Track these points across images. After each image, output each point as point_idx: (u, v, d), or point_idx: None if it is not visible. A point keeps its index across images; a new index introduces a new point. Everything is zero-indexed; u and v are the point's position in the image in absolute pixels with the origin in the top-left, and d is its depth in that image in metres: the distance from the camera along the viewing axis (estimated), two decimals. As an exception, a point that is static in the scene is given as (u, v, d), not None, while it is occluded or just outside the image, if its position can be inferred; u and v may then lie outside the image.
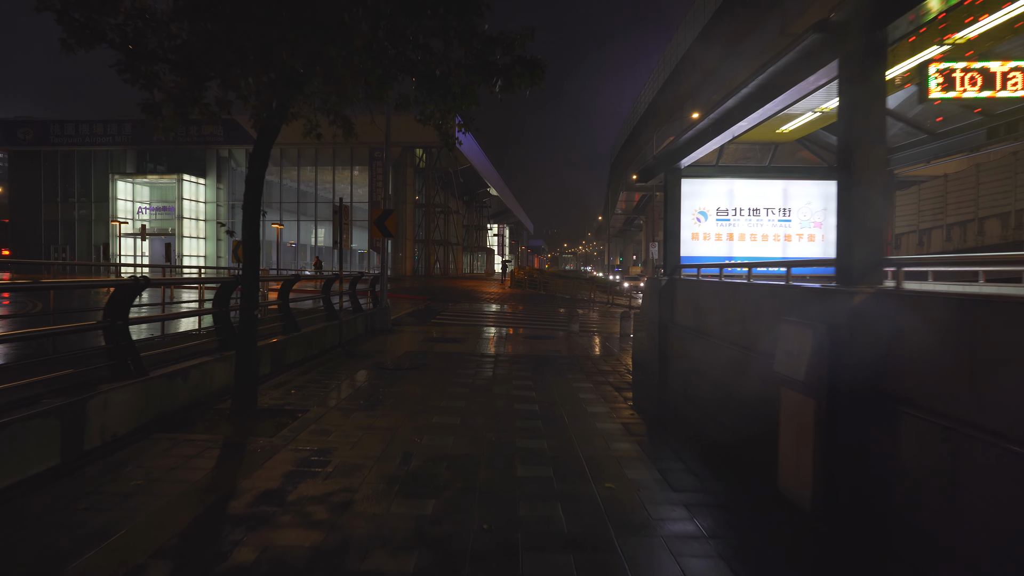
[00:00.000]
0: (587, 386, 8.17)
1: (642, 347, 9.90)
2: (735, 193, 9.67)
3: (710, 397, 6.10)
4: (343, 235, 10.75)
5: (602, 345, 12.82)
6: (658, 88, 36.45)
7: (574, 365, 9.96)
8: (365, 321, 13.43)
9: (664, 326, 8.51)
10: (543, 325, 17.78)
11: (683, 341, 7.50)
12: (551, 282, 37.00)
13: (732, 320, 5.84)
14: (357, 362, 9.50)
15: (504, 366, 9.62)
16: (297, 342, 9.12)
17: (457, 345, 12.01)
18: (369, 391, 7.33)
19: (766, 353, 4.90)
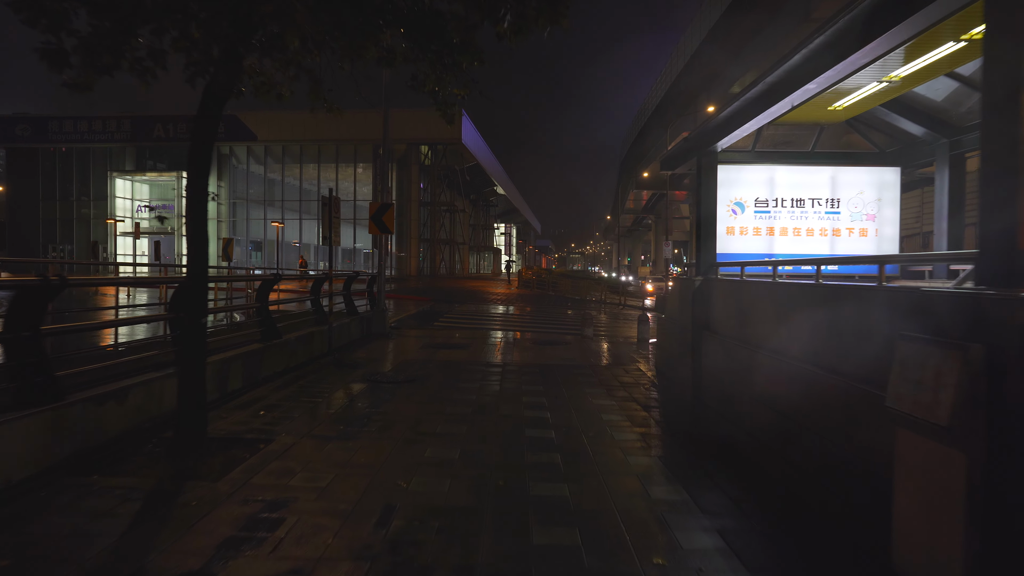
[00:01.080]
0: (609, 404, 7.02)
1: (670, 357, 8.71)
2: (776, 182, 8.50)
3: (768, 426, 4.93)
4: (332, 230, 9.66)
5: (619, 352, 11.66)
6: (671, 82, 35.23)
7: (591, 376, 8.81)
8: (360, 325, 12.33)
9: (698, 334, 7.35)
10: (553, 329, 16.62)
11: (725, 353, 6.34)
12: (559, 282, 35.83)
13: (799, 331, 4.66)
14: (346, 373, 8.39)
15: (512, 378, 8.49)
16: (276, 351, 8.02)
17: (460, 352, 10.88)
18: (353, 411, 6.21)
19: (859, 377, 3.73)
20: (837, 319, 4.14)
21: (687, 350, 7.74)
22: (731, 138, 7.27)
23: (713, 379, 6.81)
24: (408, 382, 7.87)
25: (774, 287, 5.40)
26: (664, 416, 6.67)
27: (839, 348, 4.07)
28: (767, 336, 5.30)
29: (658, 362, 9.59)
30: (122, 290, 18.03)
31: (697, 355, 7.30)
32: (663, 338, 9.24)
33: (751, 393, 5.44)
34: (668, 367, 8.88)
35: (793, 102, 6.05)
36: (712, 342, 6.89)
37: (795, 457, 4.45)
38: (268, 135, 42.77)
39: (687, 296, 7.70)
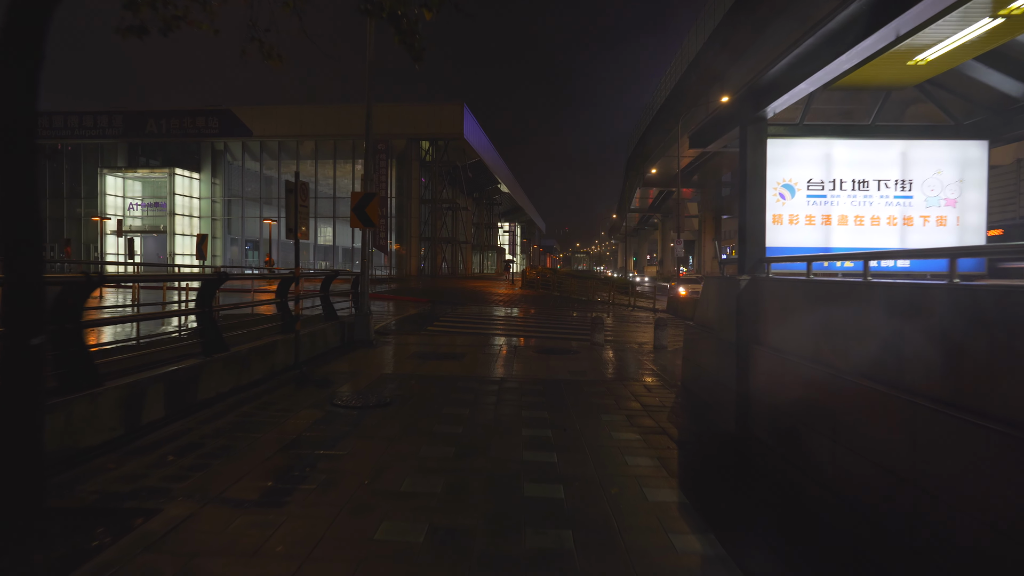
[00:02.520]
0: (632, 439, 5.49)
1: (701, 373, 7.11)
2: (834, 159, 6.92)
3: (876, 488, 3.38)
4: (299, 222, 8.17)
5: (636, 362, 10.11)
6: (680, 74, 33.62)
7: (605, 396, 7.28)
8: (339, 331, 10.82)
9: (746, 348, 5.82)
10: (559, 333, 15.09)
11: (788, 376, 4.79)
12: (564, 282, 34.28)
13: (930, 356, 3.12)
14: (307, 394, 6.88)
15: (511, 399, 6.97)
16: (220, 368, 6.51)
17: (452, 364, 9.36)
18: (296, 454, 4.69)
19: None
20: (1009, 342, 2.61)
21: (726, 366, 6.20)
22: (786, 99, 5.73)
23: (768, 407, 5.27)
24: (380, 407, 6.35)
25: (878, 290, 3.84)
26: (707, 458, 5.13)
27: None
28: (868, 359, 3.75)
29: (686, 378, 8.06)
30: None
31: (744, 375, 5.76)
32: (693, 350, 7.70)
33: (840, 436, 3.90)
34: (700, 386, 7.34)
35: (879, 43, 4.51)
36: (766, 360, 5.35)
37: (937, 546, 2.91)
38: (263, 130, 41.38)
39: (728, 300, 6.17)
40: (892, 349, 3.47)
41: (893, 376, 3.44)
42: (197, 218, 43.04)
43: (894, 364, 3.44)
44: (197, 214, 43.06)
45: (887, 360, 3.51)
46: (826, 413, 4.13)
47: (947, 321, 3.04)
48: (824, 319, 4.40)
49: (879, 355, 3.59)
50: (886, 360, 3.52)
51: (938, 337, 3.09)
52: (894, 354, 3.45)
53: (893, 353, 3.46)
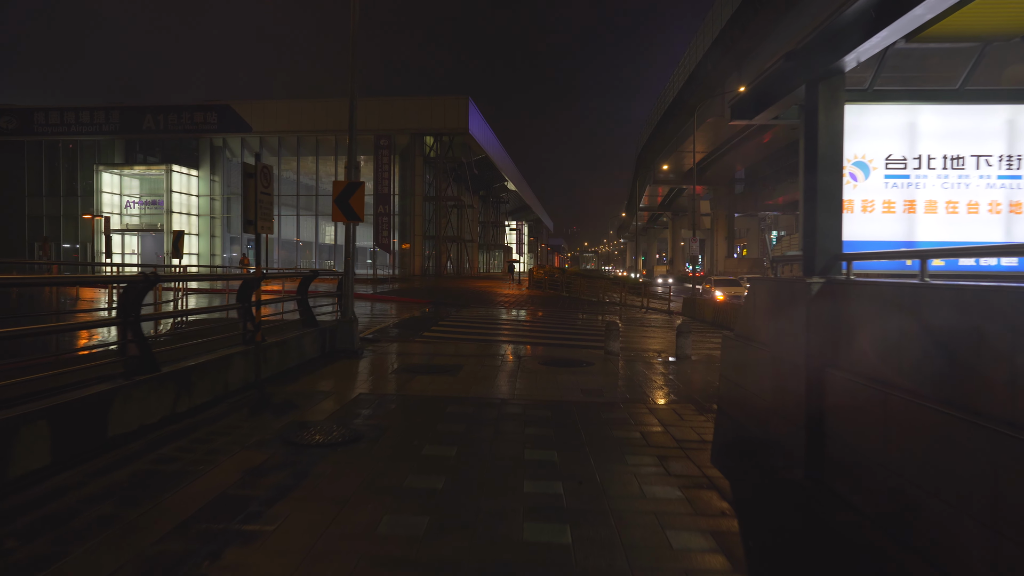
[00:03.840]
0: (672, 495, 4.09)
1: (747, 397, 5.67)
2: (919, 130, 5.44)
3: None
4: (259, 213, 6.84)
5: (658, 377, 8.71)
6: (695, 63, 32.11)
7: (629, 425, 5.89)
8: (319, 340, 9.48)
9: (818, 374, 4.40)
10: (569, 340, 13.70)
11: (900, 420, 3.36)
12: (573, 282, 32.84)
13: None
14: (258, 424, 5.52)
15: (511, 431, 5.58)
16: (144, 393, 5.16)
17: (445, 380, 7.99)
18: (200, 536, 3.33)
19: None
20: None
21: (787, 394, 4.80)
22: (873, 44, 4.30)
23: (854, 454, 3.86)
24: (345, 444, 4.98)
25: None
26: (780, 531, 3.73)
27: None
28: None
29: (725, 400, 6.64)
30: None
31: (816, 408, 4.35)
32: (735, 368, 6.29)
33: (1002, 518, 2.50)
34: (745, 413, 5.93)
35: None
36: (852, 391, 3.93)
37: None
38: (263, 126, 40.22)
39: (791, 310, 4.75)
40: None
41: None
42: (195, 216, 41.92)
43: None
44: (195, 212, 41.94)
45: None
46: (969, 479, 2.74)
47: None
48: (963, 344, 2.99)
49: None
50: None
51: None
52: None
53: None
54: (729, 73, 30.40)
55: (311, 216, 41.87)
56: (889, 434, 3.49)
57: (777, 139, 43.21)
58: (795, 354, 4.66)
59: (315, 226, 42.22)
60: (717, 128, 40.02)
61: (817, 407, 4.40)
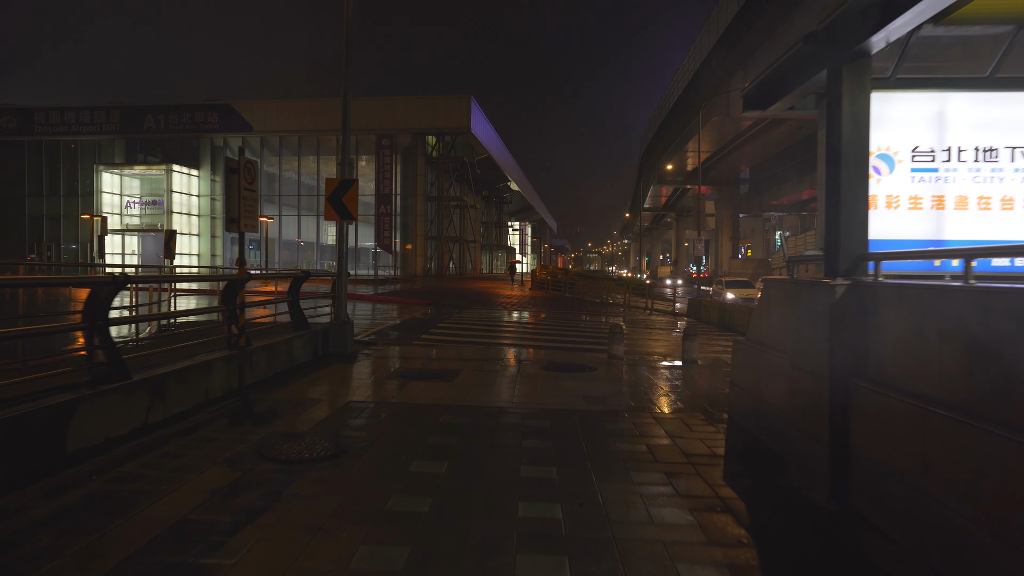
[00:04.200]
0: (682, 520, 3.70)
1: (766, 411, 5.18)
2: (948, 120, 5.01)
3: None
4: (242, 210, 6.47)
5: (665, 383, 8.31)
6: (700, 61, 31.65)
7: (634, 437, 5.49)
8: (311, 343, 9.10)
9: (843, 386, 4.00)
10: (572, 343, 13.31)
11: (945, 442, 2.96)
12: (577, 283, 32.42)
13: None
14: (235, 437, 5.14)
15: (508, 443, 5.20)
16: (111, 403, 4.78)
17: (440, 387, 7.61)
18: (152, 567, 2.94)
19: None
20: None
21: (806, 407, 4.39)
22: (904, 22, 3.90)
23: (887, 478, 3.46)
24: (327, 460, 4.60)
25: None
26: (801, 561, 3.33)
27: None
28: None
29: (736, 411, 6.23)
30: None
31: (842, 424, 3.95)
32: (747, 376, 5.88)
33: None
34: (759, 425, 5.52)
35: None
36: (883, 406, 3.53)
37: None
38: (264, 126, 39.94)
39: (812, 315, 4.35)
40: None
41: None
42: (196, 216, 41.66)
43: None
44: (196, 212, 41.67)
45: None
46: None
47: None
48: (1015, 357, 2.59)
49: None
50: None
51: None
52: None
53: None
54: (734, 71, 29.95)
55: (313, 216, 41.56)
56: (930, 456, 3.09)
57: (783, 138, 42.75)
58: (816, 363, 4.26)
59: (317, 226, 41.93)
60: (722, 127, 39.58)
61: (842, 422, 3.99)
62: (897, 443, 3.41)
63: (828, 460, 4.08)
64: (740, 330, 16.63)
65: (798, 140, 43.02)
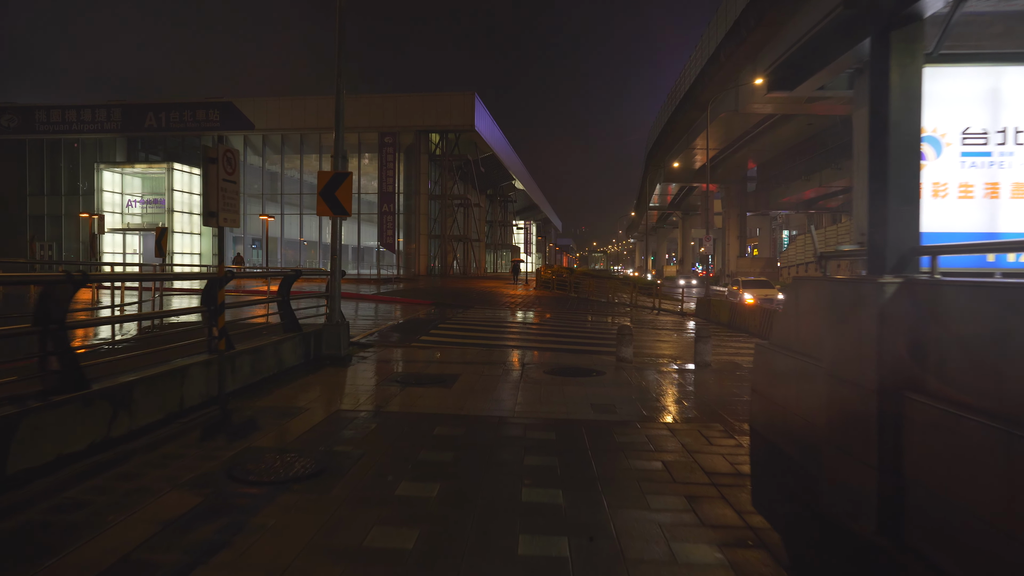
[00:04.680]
0: (711, 558, 3.17)
1: (795, 424, 4.64)
2: (1003, 98, 4.51)
3: None
4: (221, 203, 5.96)
5: (678, 389, 7.77)
6: (709, 54, 31.02)
7: (649, 451, 4.96)
8: (302, 346, 8.60)
9: (895, 401, 3.46)
10: (578, 344, 12.78)
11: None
12: (582, 282, 31.85)
13: None
14: (205, 453, 4.64)
15: (509, 460, 4.67)
16: (68, 415, 4.28)
17: (438, 393, 7.09)
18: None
19: None
20: None
21: (848, 423, 3.86)
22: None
23: (954, 513, 2.92)
24: (304, 481, 4.08)
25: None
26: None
27: None
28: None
29: (759, 421, 5.68)
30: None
31: (893, 446, 3.41)
32: (772, 384, 5.33)
33: None
34: (787, 439, 4.98)
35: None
36: (949, 428, 2.99)
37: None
38: (266, 124, 39.51)
39: (854, 318, 3.80)
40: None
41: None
42: (197, 215, 41.26)
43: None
44: (197, 211, 41.26)
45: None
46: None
47: None
48: None
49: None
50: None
51: None
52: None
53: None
54: (743, 66, 29.30)
55: (315, 215, 41.10)
56: (1016, 492, 2.54)
57: (791, 135, 42.08)
58: (861, 373, 3.71)
59: (319, 225, 41.49)
60: (729, 124, 38.95)
61: (893, 443, 3.45)
62: (970, 473, 2.86)
63: (876, 486, 3.53)
64: (752, 331, 16.06)
65: (807, 137, 42.35)
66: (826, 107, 30.40)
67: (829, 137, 38.86)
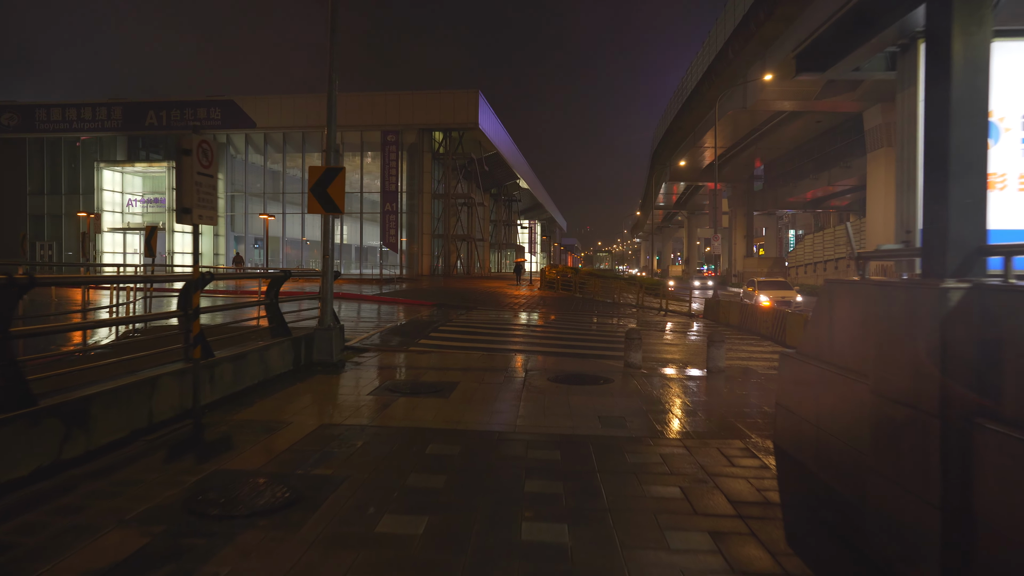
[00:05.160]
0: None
1: (832, 446, 3.90)
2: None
3: None
4: (195, 198, 5.45)
5: (692, 399, 7.23)
6: (718, 49, 30.44)
7: (664, 474, 4.43)
8: (291, 351, 8.10)
9: (964, 430, 2.92)
10: (584, 347, 12.25)
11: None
12: (587, 282, 31.31)
13: None
14: (169, 474, 4.13)
15: (508, 484, 4.16)
16: (7, 437, 3.78)
17: (433, 404, 6.58)
18: None
19: None
20: None
21: (898, 450, 3.33)
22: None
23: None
24: (274, 513, 3.57)
25: None
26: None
27: None
28: None
29: (785, 438, 5.16)
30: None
31: (960, 482, 2.88)
32: (803, 399, 4.80)
33: None
34: (820, 461, 4.44)
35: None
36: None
37: None
38: (268, 122, 39.11)
39: (908, 330, 3.27)
40: None
41: None
42: (199, 215, 40.89)
43: None
44: (199, 210, 40.90)
45: None
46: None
47: None
48: None
49: None
50: None
51: None
52: None
53: None
54: (752, 61, 28.73)
55: (317, 214, 40.67)
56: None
57: (800, 132, 41.43)
58: (918, 394, 3.18)
59: (330, 227, 41.01)
60: (736, 121, 38.37)
61: (960, 477, 2.91)
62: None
63: (939, 528, 3.00)
64: (764, 333, 15.49)
65: (816, 135, 41.70)
66: (835, 104, 29.79)
67: (839, 135, 38.21)
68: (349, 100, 38.25)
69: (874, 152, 29.76)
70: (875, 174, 30.01)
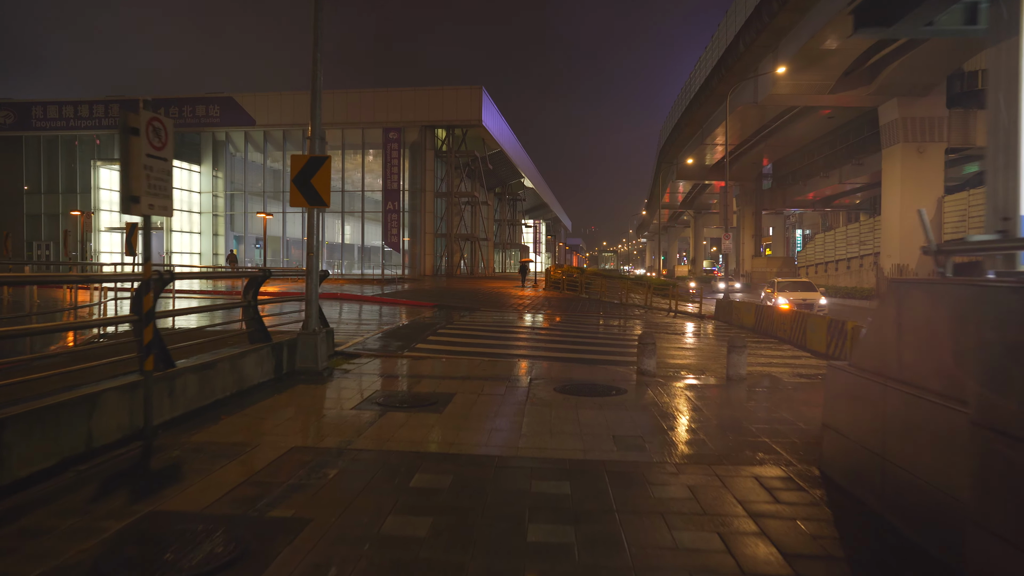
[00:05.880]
0: None
1: (910, 485, 3.02)
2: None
3: None
4: (146, 183, 4.69)
5: (714, 411, 6.41)
6: (728, 43, 29.57)
7: (696, 518, 3.63)
8: (270, 359, 7.33)
9: None
10: (592, 352, 11.45)
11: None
12: (593, 282, 30.48)
13: None
14: (92, 519, 3.36)
15: (505, 529, 3.36)
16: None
17: (424, 421, 5.79)
18: None
19: None
20: None
21: (1015, 500, 2.52)
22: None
23: None
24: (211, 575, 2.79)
25: None
26: None
27: None
28: None
29: (836, 467, 4.35)
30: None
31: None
32: (862, 423, 4.00)
33: None
34: (892, 505, 3.63)
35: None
36: None
37: None
38: (267, 119, 38.43)
39: (991, 335, 2.47)
40: None
41: None
42: (197, 214, 40.28)
43: None
44: (197, 209, 40.30)
45: None
46: None
47: None
48: None
49: None
50: None
51: None
52: None
53: None
54: (763, 55, 27.86)
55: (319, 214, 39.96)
56: None
57: (810, 130, 40.49)
58: (989, 413, 2.37)
59: (320, 224, 40.31)
60: (745, 118, 37.45)
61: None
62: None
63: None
64: (781, 336, 14.66)
65: (827, 132, 40.75)
66: (849, 98, 28.91)
67: (851, 131, 37.25)
68: (350, 97, 37.54)
69: (890, 148, 28.84)
70: (891, 171, 29.09)
